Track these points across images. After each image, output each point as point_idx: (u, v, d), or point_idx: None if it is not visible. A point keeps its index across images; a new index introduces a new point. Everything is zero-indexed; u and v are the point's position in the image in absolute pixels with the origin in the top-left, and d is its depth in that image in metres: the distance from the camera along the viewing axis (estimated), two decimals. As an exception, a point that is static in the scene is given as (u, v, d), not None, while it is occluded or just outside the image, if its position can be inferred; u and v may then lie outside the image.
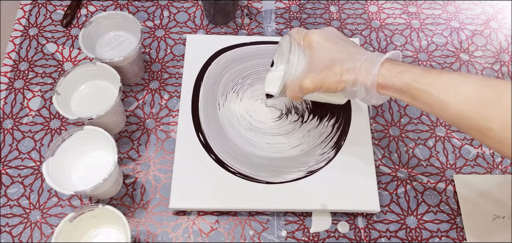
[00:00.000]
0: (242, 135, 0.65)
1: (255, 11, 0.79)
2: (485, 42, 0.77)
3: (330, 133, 0.66)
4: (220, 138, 0.65)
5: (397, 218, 0.62)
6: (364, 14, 0.80)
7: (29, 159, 0.65)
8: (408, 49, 0.76)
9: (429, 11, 0.81)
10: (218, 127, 0.66)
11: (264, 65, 0.71)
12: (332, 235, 0.61)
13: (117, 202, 0.62)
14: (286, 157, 0.64)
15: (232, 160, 0.63)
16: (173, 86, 0.71)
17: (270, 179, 0.62)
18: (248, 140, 0.65)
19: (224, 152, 0.64)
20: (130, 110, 0.69)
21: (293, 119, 0.67)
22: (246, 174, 0.62)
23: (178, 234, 0.60)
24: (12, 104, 0.69)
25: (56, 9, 0.78)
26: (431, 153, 0.67)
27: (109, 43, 0.70)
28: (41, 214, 0.61)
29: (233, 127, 0.66)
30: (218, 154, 0.64)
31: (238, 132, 0.66)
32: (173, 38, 0.76)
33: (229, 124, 0.66)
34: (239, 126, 0.66)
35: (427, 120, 0.70)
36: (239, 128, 0.66)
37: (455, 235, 0.61)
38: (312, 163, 0.64)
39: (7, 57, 0.73)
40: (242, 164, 0.63)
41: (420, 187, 0.65)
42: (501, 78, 0.74)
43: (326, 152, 0.65)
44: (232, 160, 0.63)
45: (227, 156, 0.64)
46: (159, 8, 0.79)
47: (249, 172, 0.62)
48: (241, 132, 0.66)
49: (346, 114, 0.67)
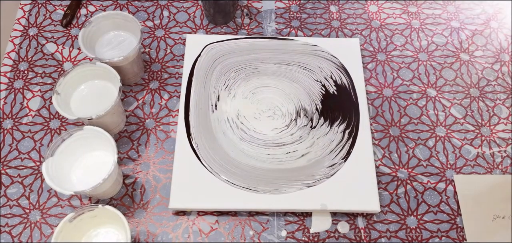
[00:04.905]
0: (235, 144, 0.64)
1: (255, 11, 0.79)
2: (485, 42, 0.77)
3: (341, 141, 0.65)
4: (210, 146, 0.64)
5: (397, 218, 0.62)
6: (364, 14, 0.80)
7: (29, 159, 0.65)
8: (408, 49, 0.76)
9: (429, 11, 0.81)
10: (209, 133, 0.65)
11: (260, 60, 0.71)
12: (332, 235, 0.61)
13: (117, 202, 0.62)
14: (290, 168, 0.63)
15: (223, 172, 0.62)
16: (173, 86, 0.71)
17: (270, 193, 0.61)
18: (247, 152, 0.64)
19: (215, 163, 0.63)
20: (130, 111, 0.69)
21: (303, 124, 0.67)
22: (243, 186, 0.61)
23: (178, 234, 0.60)
24: (12, 104, 0.69)
25: (56, 9, 0.78)
26: (431, 153, 0.67)
27: (109, 43, 0.70)
28: (41, 214, 0.61)
29: (225, 135, 0.65)
30: (206, 165, 0.62)
31: (231, 140, 0.65)
32: (173, 38, 0.76)
33: (222, 131, 0.65)
34: (233, 135, 0.65)
35: (427, 120, 0.70)
36: (232, 137, 0.65)
37: (455, 235, 0.61)
38: (319, 176, 0.62)
39: (7, 57, 0.73)
40: (236, 176, 0.62)
41: (420, 187, 0.65)
42: (501, 78, 0.74)
43: (337, 163, 0.63)
44: (223, 171, 0.62)
45: (218, 166, 0.62)
46: (159, 8, 0.79)
47: (245, 185, 0.62)
48: (235, 141, 0.64)
49: (357, 119, 0.67)
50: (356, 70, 0.71)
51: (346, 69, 0.71)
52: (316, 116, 0.67)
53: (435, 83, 0.73)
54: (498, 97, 0.72)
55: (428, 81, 0.73)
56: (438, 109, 0.70)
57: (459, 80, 0.73)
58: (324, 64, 0.72)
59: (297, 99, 0.69)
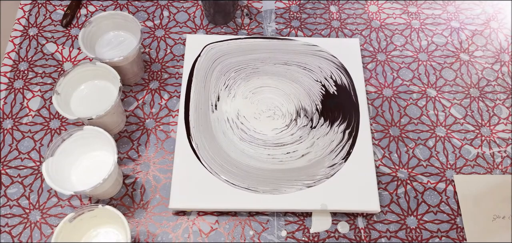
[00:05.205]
0: (235, 144, 0.64)
1: (255, 11, 0.79)
2: (485, 42, 0.77)
3: (341, 141, 0.65)
4: (210, 146, 0.64)
5: (397, 218, 0.62)
6: (364, 14, 0.80)
7: (29, 159, 0.65)
8: (408, 49, 0.76)
9: (429, 11, 0.81)
10: (209, 133, 0.65)
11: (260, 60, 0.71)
12: (332, 235, 0.61)
13: (117, 202, 0.62)
14: (290, 169, 0.63)
15: (223, 172, 0.62)
16: (173, 86, 0.71)
17: (269, 193, 0.61)
18: (247, 152, 0.64)
19: (215, 163, 0.63)
20: (130, 111, 0.69)
21: (303, 124, 0.67)
22: (242, 186, 0.61)
23: (178, 234, 0.60)
24: (12, 104, 0.69)
25: (56, 9, 0.78)
26: (431, 153, 0.67)
27: (109, 43, 0.70)
28: (40, 214, 0.61)
29: (225, 135, 0.65)
30: (206, 165, 0.62)
31: (231, 140, 0.65)
32: (173, 38, 0.76)
33: (222, 131, 0.65)
34: (233, 135, 0.65)
35: (427, 120, 0.70)
36: (232, 137, 0.65)
37: (455, 235, 0.61)
38: (319, 176, 0.62)
39: (7, 57, 0.73)
40: (235, 176, 0.62)
41: (420, 187, 0.65)
42: (501, 78, 0.74)
43: (337, 163, 0.63)
44: (223, 171, 0.62)
45: (218, 166, 0.62)
46: (159, 8, 0.79)
47: (245, 185, 0.62)
48: (235, 141, 0.64)
49: (357, 118, 0.67)
50: (356, 70, 0.71)
51: (346, 69, 0.71)
52: (316, 117, 0.67)
53: (435, 83, 0.73)
54: (498, 97, 0.72)
55: (428, 81, 0.73)
56: (438, 109, 0.70)
57: (459, 80, 0.73)
58: (324, 64, 0.72)
59: (297, 100, 0.69)
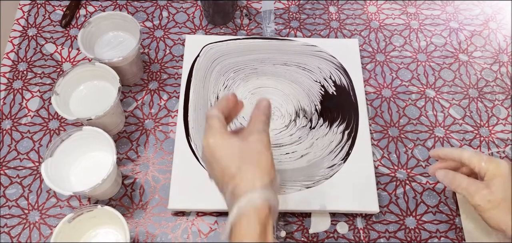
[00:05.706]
0: None
1: (254, 11, 0.79)
2: (484, 42, 0.77)
3: (340, 141, 0.65)
4: None
5: (396, 219, 0.62)
6: (363, 15, 0.80)
7: (28, 160, 0.65)
8: (407, 49, 0.76)
9: (428, 12, 0.81)
10: None
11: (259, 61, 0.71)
12: (331, 235, 0.61)
13: (116, 203, 0.62)
14: (289, 169, 0.63)
15: None
16: (172, 87, 0.71)
17: None
18: None
19: None
20: (129, 111, 0.69)
21: (302, 125, 0.67)
22: None
23: (177, 235, 0.60)
24: (10, 105, 0.69)
25: (55, 10, 0.78)
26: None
27: (108, 44, 0.70)
28: (39, 215, 0.61)
29: None
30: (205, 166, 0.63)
31: None
32: (172, 39, 0.76)
33: None
34: None
35: (426, 121, 0.70)
36: None
37: (454, 236, 0.61)
38: (318, 177, 0.62)
39: (6, 58, 0.73)
40: None
41: (419, 187, 0.65)
42: (500, 79, 0.74)
43: (336, 163, 0.63)
44: None
45: None
46: (158, 8, 0.79)
47: None
48: None
49: (357, 119, 0.67)
50: (355, 71, 0.71)
51: (345, 70, 0.71)
52: (315, 117, 0.67)
53: (434, 84, 0.73)
54: (496, 98, 0.72)
55: (427, 82, 0.73)
56: (437, 110, 0.71)
57: (458, 81, 0.73)
58: (323, 64, 0.72)
59: (296, 100, 0.69)
